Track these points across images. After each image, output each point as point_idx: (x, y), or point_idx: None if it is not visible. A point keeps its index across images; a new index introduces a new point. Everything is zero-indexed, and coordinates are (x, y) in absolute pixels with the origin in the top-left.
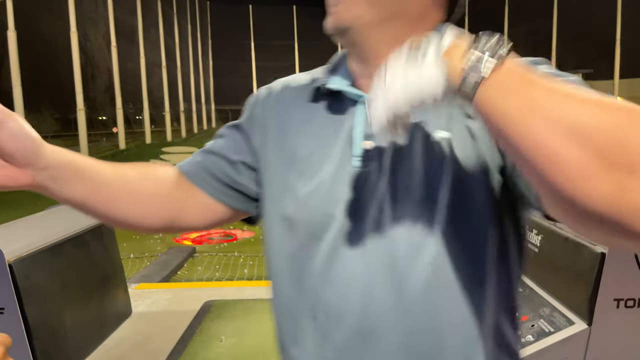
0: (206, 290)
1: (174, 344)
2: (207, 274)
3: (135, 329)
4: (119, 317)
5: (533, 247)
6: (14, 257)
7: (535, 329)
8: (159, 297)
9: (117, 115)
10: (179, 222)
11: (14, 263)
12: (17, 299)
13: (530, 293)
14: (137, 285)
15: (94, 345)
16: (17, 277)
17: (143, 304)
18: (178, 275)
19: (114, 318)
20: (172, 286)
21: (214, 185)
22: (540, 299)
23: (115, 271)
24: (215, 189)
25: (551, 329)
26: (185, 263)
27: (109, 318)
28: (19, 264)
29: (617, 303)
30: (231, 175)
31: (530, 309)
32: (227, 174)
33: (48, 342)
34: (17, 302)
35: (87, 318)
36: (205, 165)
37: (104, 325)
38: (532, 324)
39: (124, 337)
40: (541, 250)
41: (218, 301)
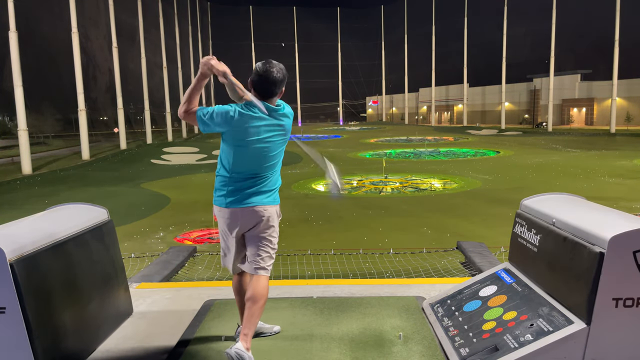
0: (207, 289)
1: (175, 343)
2: (208, 274)
3: (136, 328)
4: (120, 316)
5: (532, 247)
6: (15, 256)
7: (535, 328)
8: (159, 296)
9: (118, 115)
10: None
11: (15, 262)
12: (18, 298)
13: (529, 292)
14: (138, 284)
15: (95, 344)
16: (18, 276)
17: (144, 303)
18: (179, 275)
19: (115, 317)
20: (172, 285)
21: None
22: (539, 299)
23: (116, 270)
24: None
25: (550, 328)
26: (186, 262)
27: (110, 317)
28: (20, 264)
29: (616, 302)
30: None
31: (529, 308)
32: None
33: (49, 340)
34: (18, 302)
35: (88, 317)
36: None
37: (105, 324)
38: (531, 323)
39: (124, 336)
40: (540, 250)
41: (218, 300)
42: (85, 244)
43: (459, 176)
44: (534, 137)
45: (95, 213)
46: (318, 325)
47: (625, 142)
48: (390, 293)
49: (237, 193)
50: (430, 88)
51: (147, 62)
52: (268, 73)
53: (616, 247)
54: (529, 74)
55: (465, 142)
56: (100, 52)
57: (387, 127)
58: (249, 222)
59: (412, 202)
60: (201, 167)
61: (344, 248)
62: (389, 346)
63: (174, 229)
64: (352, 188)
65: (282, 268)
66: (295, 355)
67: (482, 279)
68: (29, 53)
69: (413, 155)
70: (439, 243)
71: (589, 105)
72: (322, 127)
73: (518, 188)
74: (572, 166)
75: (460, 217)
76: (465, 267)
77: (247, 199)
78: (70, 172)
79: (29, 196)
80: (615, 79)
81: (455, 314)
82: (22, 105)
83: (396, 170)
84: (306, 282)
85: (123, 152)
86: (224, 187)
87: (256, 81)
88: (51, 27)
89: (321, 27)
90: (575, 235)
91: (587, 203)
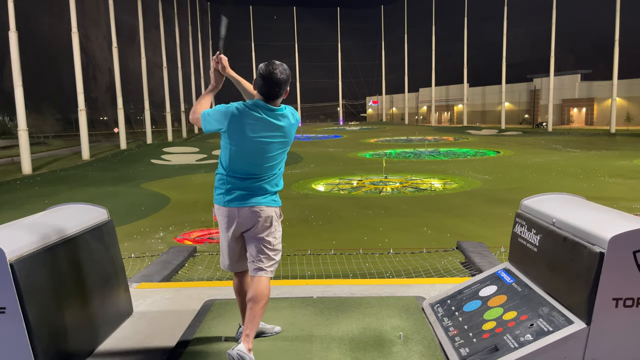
0: (207, 289)
1: (175, 343)
2: (208, 274)
3: (136, 328)
4: (119, 316)
5: (532, 247)
6: (15, 256)
7: (535, 328)
8: (159, 296)
9: (118, 115)
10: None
11: (15, 262)
12: (19, 298)
13: (530, 292)
14: (138, 284)
15: (95, 344)
16: (18, 276)
17: (144, 303)
18: (179, 275)
19: (114, 317)
20: (172, 285)
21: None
22: (539, 299)
23: (116, 270)
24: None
25: (550, 328)
26: (186, 262)
27: (109, 317)
28: (20, 264)
29: (616, 302)
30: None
31: (530, 308)
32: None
33: (49, 340)
34: (18, 302)
35: (88, 317)
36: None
37: (105, 324)
38: (531, 323)
39: (124, 336)
40: (540, 250)
41: (218, 301)
42: (85, 244)
43: (459, 176)
44: (534, 137)
45: (95, 213)
46: (318, 325)
47: (625, 142)
48: (390, 293)
49: (235, 192)
50: (430, 88)
51: (147, 62)
52: (271, 74)
53: (616, 247)
54: (529, 74)
55: (465, 142)
56: (100, 52)
57: (387, 127)
58: (247, 222)
59: (412, 202)
60: (201, 167)
61: (344, 248)
62: (389, 346)
63: (174, 229)
64: (352, 188)
65: (282, 268)
66: (295, 356)
67: (482, 279)
68: (29, 53)
69: (413, 155)
70: (439, 243)
71: (589, 105)
72: (322, 127)
73: (518, 188)
74: (572, 166)
75: (460, 217)
76: (465, 267)
77: (244, 199)
78: (70, 172)
79: (29, 196)
80: (615, 79)
81: (455, 314)
82: (22, 105)
83: (396, 170)
84: (306, 282)
85: (123, 152)
86: (222, 186)
87: (260, 83)
88: (51, 27)
89: (321, 27)
90: (575, 235)
91: (587, 203)
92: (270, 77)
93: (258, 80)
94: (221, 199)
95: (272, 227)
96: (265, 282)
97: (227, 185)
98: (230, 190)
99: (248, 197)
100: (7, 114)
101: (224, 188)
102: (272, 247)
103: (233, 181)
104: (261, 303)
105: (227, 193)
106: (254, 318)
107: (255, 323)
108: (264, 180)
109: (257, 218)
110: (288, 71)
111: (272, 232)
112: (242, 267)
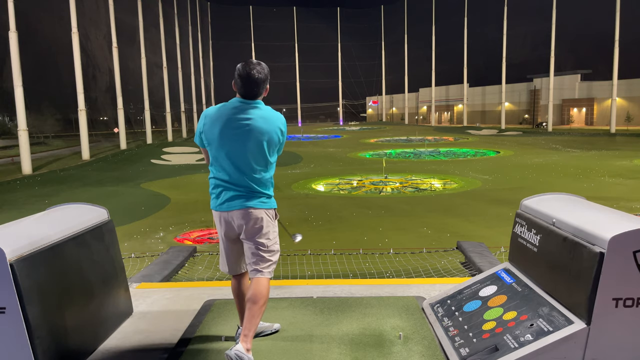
0: (207, 289)
1: (175, 343)
2: (208, 274)
3: (136, 328)
4: (119, 316)
5: (532, 247)
6: (15, 256)
7: (534, 328)
8: (159, 296)
9: (118, 115)
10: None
11: (15, 262)
12: (18, 298)
13: (529, 292)
14: (138, 284)
15: (95, 343)
16: (19, 276)
17: (144, 303)
18: (179, 275)
19: (115, 317)
20: (172, 285)
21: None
22: (539, 299)
23: (116, 270)
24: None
25: (550, 328)
26: (186, 262)
27: (110, 317)
28: (20, 264)
29: (616, 302)
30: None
31: (530, 308)
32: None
33: (49, 340)
34: (18, 302)
35: (88, 317)
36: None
37: (105, 324)
38: (531, 323)
39: (124, 336)
40: (540, 250)
41: (218, 300)
42: (85, 244)
43: (459, 176)
44: (534, 137)
45: (95, 213)
46: (318, 325)
47: (625, 142)
48: (390, 293)
49: (223, 196)
50: (430, 88)
51: (147, 62)
52: (249, 74)
53: (616, 247)
54: (529, 74)
55: (465, 142)
56: (100, 52)
57: (387, 127)
58: (237, 225)
59: (412, 202)
60: (201, 167)
61: (344, 248)
62: (389, 346)
63: (174, 229)
64: (352, 188)
65: (282, 268)
66: (295, 355)
67: (482, 279)
68: (29, 53)
69: (413, 155)
70: (439, 243)
71: (589, 105)
72: (322, 127)
73: (518, 188)
74: (572, 166)
75: (460, 217)
76: (465, 267)
77: (232, 201)
78: (70, 172)
79: (29, 196)
80: (615, 79)
81: (455, 314)
82: (22, 105)
83: (396, 170)
84: (306, 282)
85: (123, 152)
86: (213, 190)
87: (239, 84)
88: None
89: (321, 27)
90: (575, 235)
91: (587, 203)
92: (248, 77)
93: (237, 81)
94: (213, 204)
95: (264, 228)
96: (263, 282)
97: (217, 189)
98: (219, 194)
99: (235, 200)
100: (7, 114)
101: (214, 192)
102: (266, 248)
103: (220, 185)
104: (259, 303)
105: (217, 197)
106: (252, 318)
107: (254, 323)
108: (249, 183)
109: (247, 220)
110: (266, 70)
111: (264, 234)
112: (238, 270)
